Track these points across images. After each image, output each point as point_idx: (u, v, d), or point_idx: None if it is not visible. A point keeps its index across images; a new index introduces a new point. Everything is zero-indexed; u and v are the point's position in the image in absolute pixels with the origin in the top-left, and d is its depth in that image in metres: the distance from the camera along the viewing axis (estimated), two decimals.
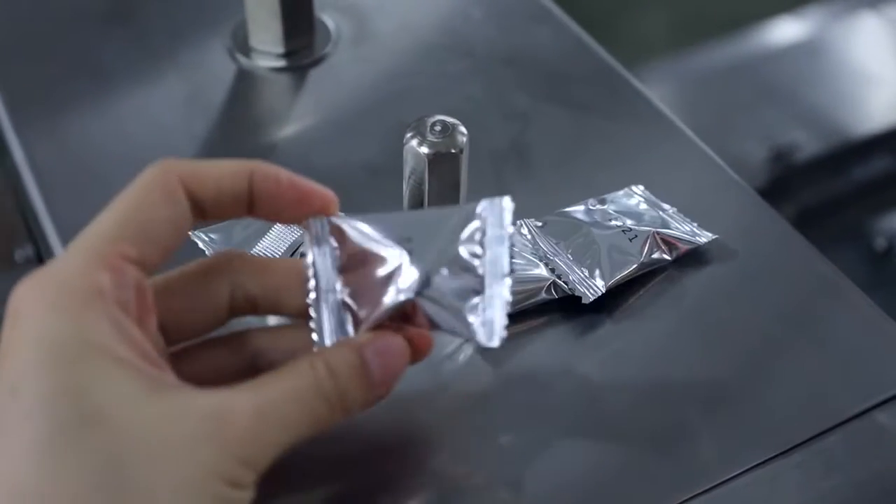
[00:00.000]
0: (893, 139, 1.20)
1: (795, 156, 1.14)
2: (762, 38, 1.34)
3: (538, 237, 0.47)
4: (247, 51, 0.58)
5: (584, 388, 0.43)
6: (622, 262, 0.46)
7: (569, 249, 0.46)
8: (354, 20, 0.61)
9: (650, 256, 0.47)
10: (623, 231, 0.47)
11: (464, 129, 0.45)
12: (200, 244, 0.45)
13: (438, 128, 0.45)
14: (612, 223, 0.48)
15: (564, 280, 0.45)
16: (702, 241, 0.48)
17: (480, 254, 0.37)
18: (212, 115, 0.55)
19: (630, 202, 0.49)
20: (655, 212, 0.49)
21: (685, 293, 0.47)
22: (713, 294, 0.47)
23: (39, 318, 0.31)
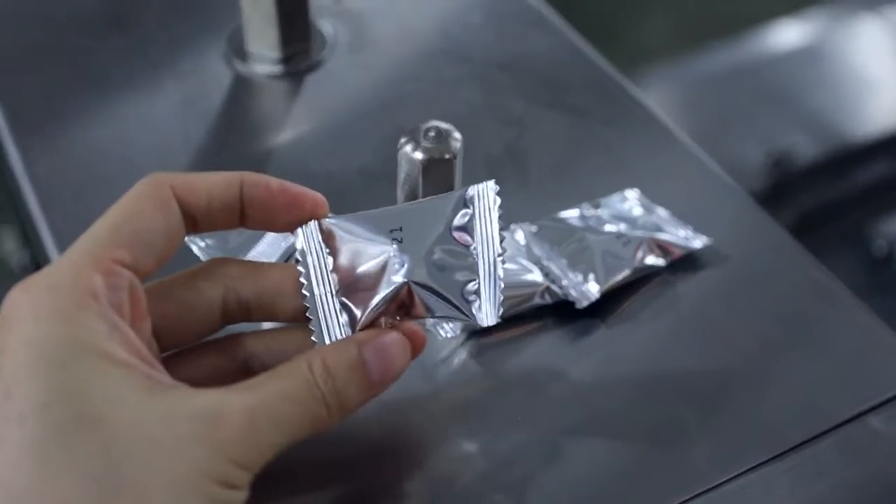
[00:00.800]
0: (894, 143, 1.20)
1: (795, 160, 1.14)
2: (762, 42, 1.34)
3: (532, 242, 0.47)
4: (243, 56, 0.59)
5: (578, 393, 0.43)
6: (616, 267, 0.46)
7: (563, 254, 0.47)
8: (351, 26, 0.62)
9: (644, 261, 0.47)
10: (617, 236, 0.47)
11: (458, 135, 0.45)
12: (195, 249, 0.46)
13: (432, 133, 0.45)
14: (607, 228, 0.48)
15: (558, 285, 0.46)
16: (696, 246, 0.48)
17: (471, 237, 0.38)
18: (209, 121, 0.56)
19: (624, 207, 0.50)
20: (650, 216, 0.49)
21: (679, 298, 0.47)
22: (707, 299, 0.47)
23: (32, 322, 0.32)
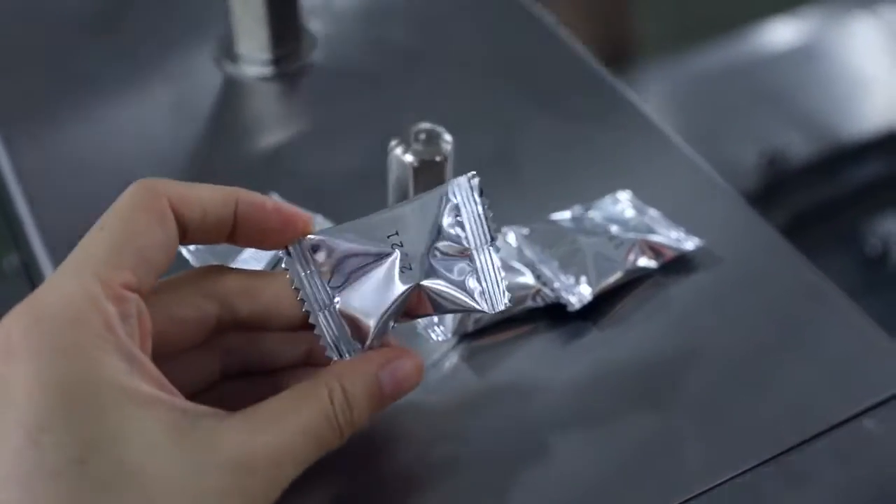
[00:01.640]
0: (887, 142, 1.20)
1: (789, 159, 1.14)
2: (756, 41, 1.34)
3: (524, 245, 0.47)
4: (233, 58, 0.58)
5: (570, 396, 0.43)
6: (608, 270, 0.46)
7: (555, 257, 0.46)
8: (342, 27, 0.61)
9: (636, 263, 0.46)
10: (609, 238, 0.47)
11: (448, 137, 0.45)
12: (185, 252, 0.45)
13: (423, 136, 0.45)
14: (598, 230, 0.48)
15: (550, 287, 0.45)
16: (688, 248, 0.48)
17: (462, 230, 0.38)
18: (198, 123, 0.55)
19: (616, 209, 0.49)
20: (641, 218, 0.49)
21: (671, 300, 0.46)
22: (700, 301, 0.47)
23: (47, 358, 0.30)
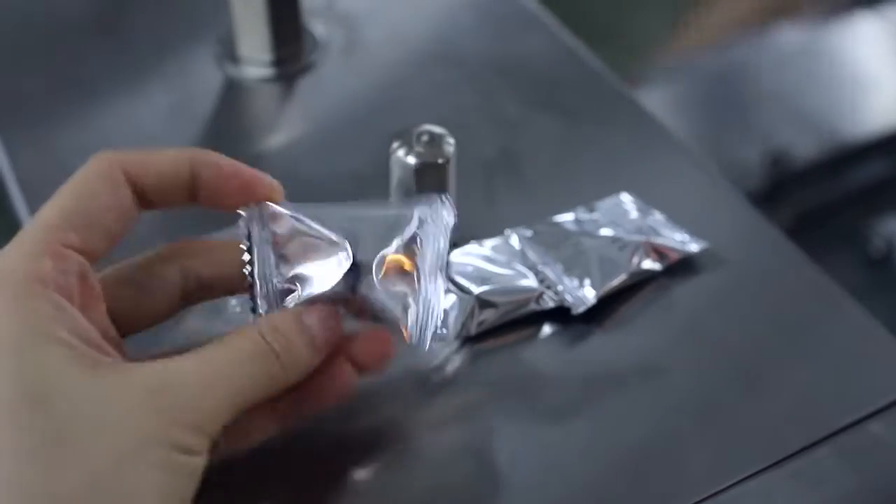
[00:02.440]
0: (892, 142, 1.20)
1: (793, 159, 1.13)
2: (760, 41, 1.34)
3: (527, 247, 0.47)
4: (234, 59, 0.58)
5: (574, 400, 0.42)
6: (612, 272, 0.46)
7: (558, 259, 0.46)
8: (344, 28, 0.61)
9: (640, 266, 0.46)
10: (613, 240, 0.47)
11: (451, 139, 0.45)
12: None
13: (425, 138, 0.45)
14: (602, 232, 0.47)
15: (554, 290, 0.45)
16: (693, 250, 0.47)
17: (420, 252, 0.37)
18: (199, 125, 0.55)
19: (620, 210, 0.49)
20: (645, 220, 0.49)
21: (676, 303, 0.46)
22: (704, 303, 0.46)
23: None
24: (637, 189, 0.50)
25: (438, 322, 0.38)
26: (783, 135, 1.16)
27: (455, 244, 0.47)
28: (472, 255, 0.46)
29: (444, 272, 0.38)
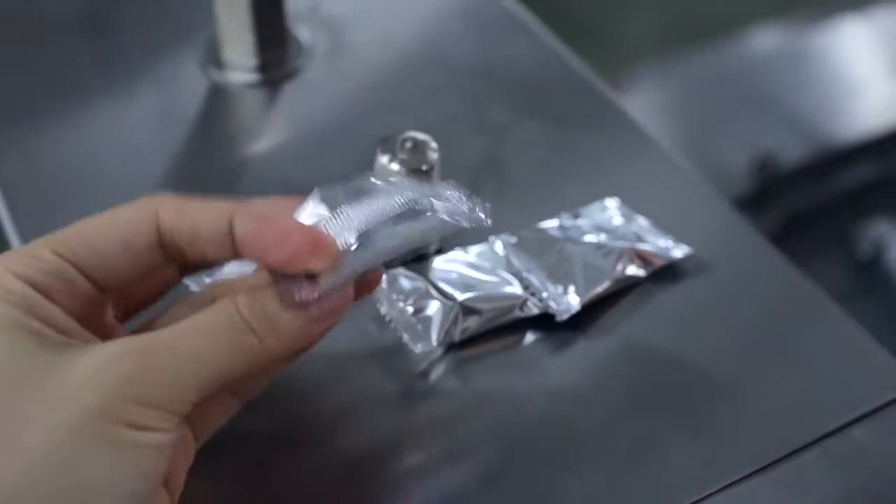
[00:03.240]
0: (879, 145, 1.20)
1: (780, 163, 1.13)
2: (747, 44, 1.34)
3: (511, 253, 0.47)
4: (219, 64, 0.58)
5: (558, 406, 0.42)
6: (596, 279, 0.46)
7: (543, 266, 0.46)
8: (329, 33, 0.61)
9: (625, 272, 0.46)
10: (597, 247, 0.47)
11: (435, 146, 0.45)
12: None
13: (409, 144, 0.45)
14: (587, 238, 0.47)
15: (538, 297, 0.45)
16: (677, 256, 0.47)
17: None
18: (184, 130, 0.55)
19: (604, 216, 0.49)
20: (630, 226, 0.49)
21: (660, 309, 0.46)
22: (689, 310, 0.46)
23: None
24: (622, 195, 0.50)
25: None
26: (771, 138, 1.16)
27: (440, 251, 0.47)
28: (457, 262, 0.46)
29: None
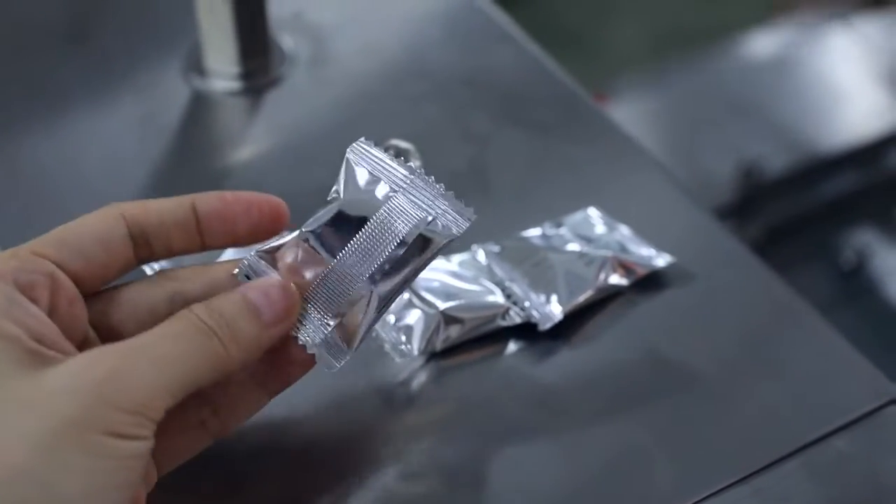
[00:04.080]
0: (863, 154, 1.21)
1: (765, 171, 1.14)
2: (732, 53, 1.35)
3: (494, 262, 0.46)
4: (202, 72, 0.58)
5: (540, 416, 0.42)
6: (579, 287, 0.45)
7: (525, 275, 0.46)
8: (312, 41, 0.61)
9: (607, 281, 0.46)
10: (580, 255, 0.47)
11: (417, 154, 0.45)
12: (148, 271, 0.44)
13: (392, 152, 0.44)
14: (569, 247, 0.47)
15: (521, 306, 0.45)
16: (660, 265, 0.47)
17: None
18: (165, 139, 0.55)
19: (586, 225, 0.49)
20: (612, 235, 0.48)
21: (642, 318, 0.46)
22: (671, 319, 0.46)
23: None
24: (605, 204, 0.50)
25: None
26: (755, 147, 1.16)
27: None
28: (439, 271, 0.46)
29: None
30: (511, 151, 0.55)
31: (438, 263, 0.46)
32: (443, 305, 0.44)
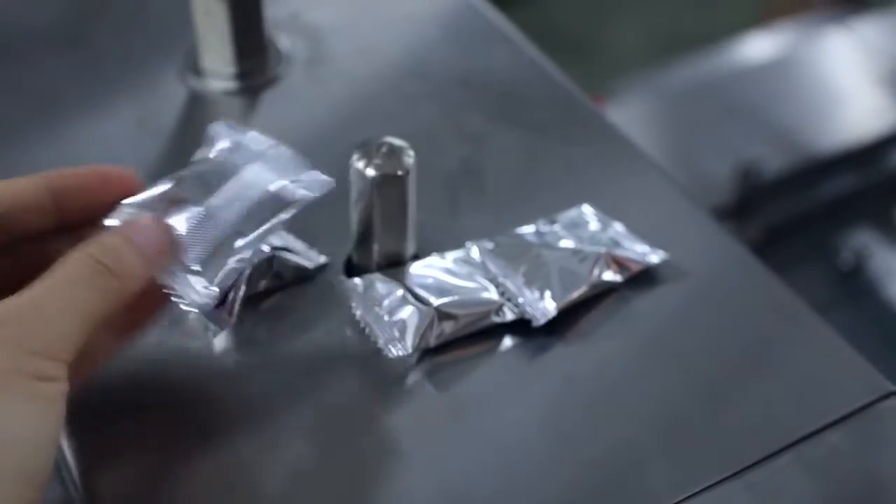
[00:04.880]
0: (860, 155, 1.21)
1: (763, 172, 1.14)
2: (730, 55, 1.35)
3: (488, 259, 0.47)
4: (198, 72, 0.58)
5: (534, 412, 0.42)
6: (573, 284, 0.46)
7: (519, 271, 0.46)
8: (309, 41, 0.61)
9: (601, 277, 0.46)
10: (573, 252, 0.47)
11: (411, 152, 0.45)
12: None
13: (385, 149, 0.45)
14: (563, 244, 0.47)
15: (514, 302, 0.45)
16: (653, 261, 0.47)
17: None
18: (162, 140, 0.55)
19: (581, 222, 0.49)
20: (606, 232, 0.49)
21: (637, 314, 0.46)
22: (665, 315, 0.46)
23: None
24: (599, 202, 0.51)
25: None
26: (753, 148, 1.17)
27: (416, 256, 0.47)
28: (433, 268, 0.46)
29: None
30: (508, 152, 0.55)
31: (433, 260, 0.46)
32: (437, 302, 0.44)
